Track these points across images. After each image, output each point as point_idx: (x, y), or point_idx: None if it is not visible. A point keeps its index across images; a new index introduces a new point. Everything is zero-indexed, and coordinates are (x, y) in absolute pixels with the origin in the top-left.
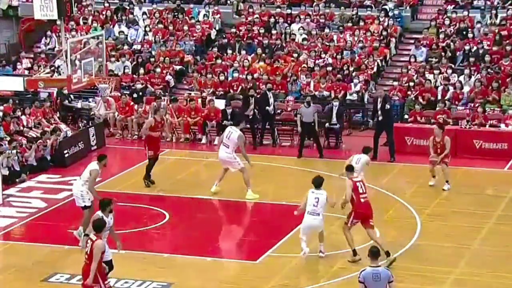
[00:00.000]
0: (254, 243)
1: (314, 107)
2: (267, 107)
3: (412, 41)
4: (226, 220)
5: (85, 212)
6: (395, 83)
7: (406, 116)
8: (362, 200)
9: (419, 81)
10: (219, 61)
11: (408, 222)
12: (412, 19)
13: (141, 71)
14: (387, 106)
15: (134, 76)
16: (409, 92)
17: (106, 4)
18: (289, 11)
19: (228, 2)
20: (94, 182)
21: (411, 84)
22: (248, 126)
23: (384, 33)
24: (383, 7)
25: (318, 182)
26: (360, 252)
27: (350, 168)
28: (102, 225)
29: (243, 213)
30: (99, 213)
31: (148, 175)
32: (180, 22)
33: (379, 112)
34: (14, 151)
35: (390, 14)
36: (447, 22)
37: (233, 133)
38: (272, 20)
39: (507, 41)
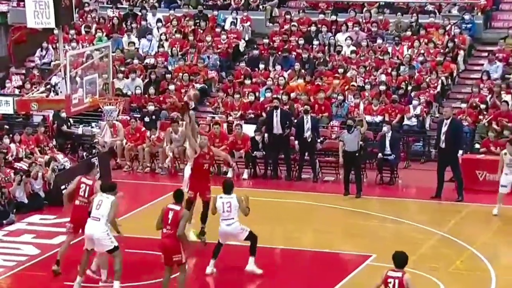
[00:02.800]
0: None
1: (358, 132)
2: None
3: (484, 54)
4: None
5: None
6: (464, 105)
7: (477, 146)
8: (77, 203)
9: (493, 103)
10: (248, 80)
11: (480, 276)
12: (485, 27)
13: (154, 90)
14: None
15: (146, 96)
16: (480, 117)
17: (114, 10)
18: (334, 17)
19: (261, 7)
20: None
21: (483, 106)
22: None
23: (450, 44)
24: (449, 13)
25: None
26: None
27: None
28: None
29: (277, 262)
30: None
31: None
32: (202, 31)
33: (443, 138)
34: None
35: (458, 21)
36: None
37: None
38: (313, 28)
39: None
